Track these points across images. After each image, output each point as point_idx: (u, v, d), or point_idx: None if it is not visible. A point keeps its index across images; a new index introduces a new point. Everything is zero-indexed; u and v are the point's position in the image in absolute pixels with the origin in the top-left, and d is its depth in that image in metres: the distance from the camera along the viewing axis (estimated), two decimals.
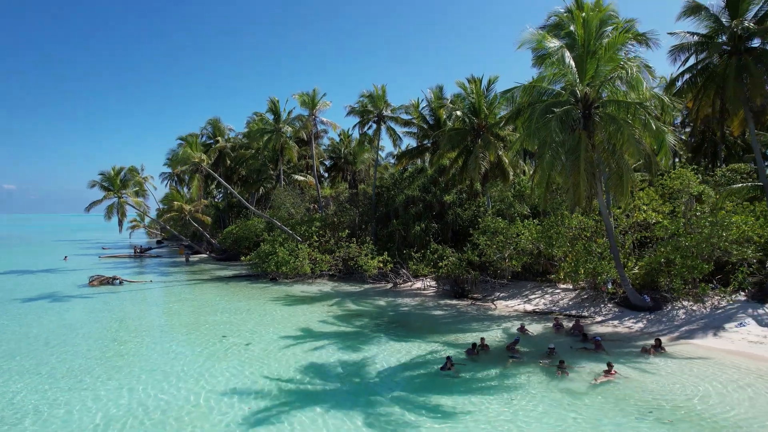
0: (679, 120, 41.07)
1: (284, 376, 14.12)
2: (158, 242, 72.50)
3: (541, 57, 20.31)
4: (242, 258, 38.32)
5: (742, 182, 25.06)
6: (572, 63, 15.38)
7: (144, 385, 13.47)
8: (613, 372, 13.67)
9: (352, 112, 38.28)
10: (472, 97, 29.09)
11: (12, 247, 73.05)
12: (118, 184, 40.96)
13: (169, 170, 67.80)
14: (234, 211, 57.07)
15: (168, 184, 67.09)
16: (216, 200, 64.67)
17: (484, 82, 29.69)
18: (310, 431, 10.51)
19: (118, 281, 31.67)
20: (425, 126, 37.29)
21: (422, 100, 38.72)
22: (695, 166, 25.90)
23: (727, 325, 18.04)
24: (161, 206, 72.63)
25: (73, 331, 19.85)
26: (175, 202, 43.50)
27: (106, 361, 15.94)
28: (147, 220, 66.84)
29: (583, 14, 15.76)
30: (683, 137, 45.30)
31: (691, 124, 36.91)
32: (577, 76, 15.86)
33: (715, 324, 18.34)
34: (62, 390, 13.16)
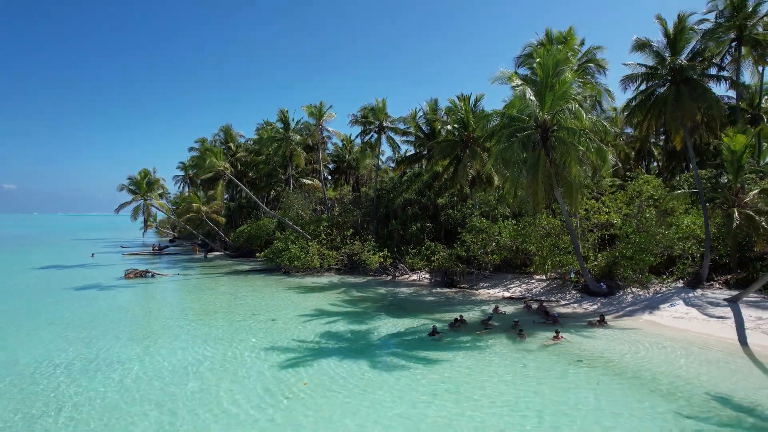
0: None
1: (306, 339, 18.32)
2: (171, 241, 76.67)
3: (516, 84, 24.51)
4: (257, 254, 42.45)
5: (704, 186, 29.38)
6: (533, 97, 19.51)
7: (196, 346, 17.63)
8: (560, 337, 17.84)
9: (355, 122, 42.48)
10: (461, 113, 33.27)
11: (34, 246, 77.16)
12: (144, 187, 45.20)
13: (182, 173, 72.26)
14: (244, 211, 61.32)
15: (181, 186, 71.37)
16: (224, 200, 68.84)
17: (472, 100, 33.92)
18: (328, 372, 14.65)
19: (150, 274, 35.88)
20: (421, 135, 41.40)
21: (419, 110, 42.94)
22: (648, 174, 29.95)
23: (661, 306, 22.24)
24: (171, 207, 76.95)
25: (127, 311, 24.07)
26: (194, 204, 47.71)
27: (161, 331, 20.17)
28: (158, 219, 71.16)
29: (538, 60, 19.84)
30: (661, 143, 49.66)
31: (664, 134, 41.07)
32: (537, 106, 20.02)
33: (652, 305, 22.54)
34: (137, 348, 17.35)
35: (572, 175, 19.24)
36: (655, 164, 52.89)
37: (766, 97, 40.28)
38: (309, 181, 50.55)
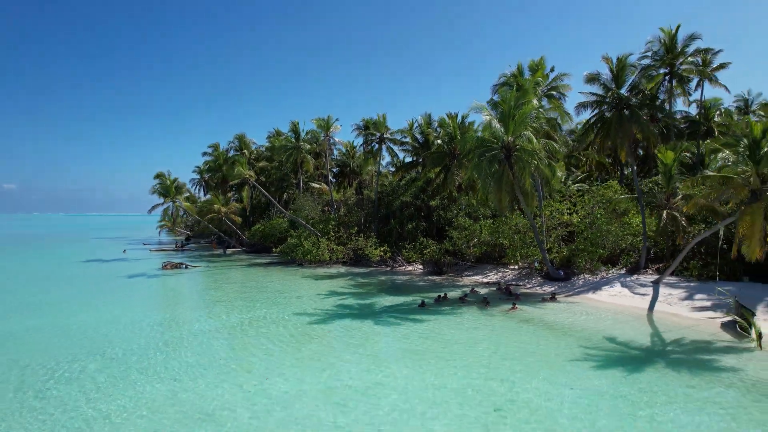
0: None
1: (324, 308, 24.24)
2: (186, 239, 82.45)
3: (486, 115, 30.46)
4: (274, 249, 48.33)
5: (657, 191, 35.33)
6: (498, 126, 25.45)
7: (241, 312, 23.50)
8: (516, 307, 23.78)
9: (359, 134, 48.45)
10: (450, 129, 39.20)
11: (63, 244, 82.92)
12: (173, 191, 51.23)
13: (198, 176, 78.24)
14: (256, 212, 67.27)
15: (197, 189, 77.32)
16: (238, 202, 74.70)
17: (459, 117, 39.86)
18: (344, 327, 20.55)
19: (184, 266, 41.82)
20: (417, 145, 47.31)
21: (416, 122, 48.88)
22: (622, 179, 35.83)
23: (603, 287, 28.17)
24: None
25: (179, 291, 30.02)
26: (215, 205, 53.68)
27: (210, 303, 26.12)
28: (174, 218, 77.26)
29: (501, 99, 25.79)
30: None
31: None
32: (503, 131, 25.94)
33: (597, 287, 28.47)
34: (197, 313, 23.28)
35: (527, 185, 25.16)
36: (629, 170, 58.77)
37: (717, 112, 46.39)
38: (317, 185, 56.47)
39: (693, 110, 46.05)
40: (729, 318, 19.71)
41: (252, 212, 66.21)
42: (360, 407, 12.10)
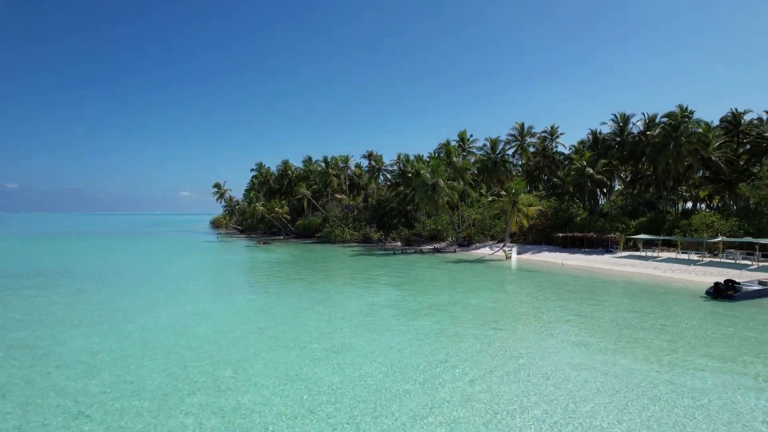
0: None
1: (353, 255, 56.49)
2: (240, 231, 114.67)
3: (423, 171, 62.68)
4: (316, 235, 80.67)
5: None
6: (429, 175, 57.39)
7: (320, 253, 55.65)
8: (435, 254, 56.07)
9: (367, 165, 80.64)
10: (415, 165, 71.31)
11: (146, 237, 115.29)
12: (254, 200, 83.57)
13: (250, 185, 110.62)
14: (296, 211, 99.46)
15: (252, 194, 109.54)
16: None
17: (424, 158, 72.04)
18: (362, 258, 52.70)
19: (269, 243, 73.84)
20: (400, 172, 79.44)
21: (402, 155, 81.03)
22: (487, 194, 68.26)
23: (480, 248, 60.43)
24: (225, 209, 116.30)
25: (284, 251, 62.29)
26: (276, 208, 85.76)
27: (304, 252, 58.36)
28: (227, 218, 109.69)
29: (431, 162, 57.69)
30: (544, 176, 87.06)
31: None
32: (430, 178, 57.87)
33: (478, 248, 60.72)
34: (302, 256, 55.55)
35: (440, 202, 57.33)
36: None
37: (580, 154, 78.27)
38: (339, 196, 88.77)
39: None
40: (509, 253, 51.98)
41: (293, 212, 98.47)
42: (366, 274, 44.41)
